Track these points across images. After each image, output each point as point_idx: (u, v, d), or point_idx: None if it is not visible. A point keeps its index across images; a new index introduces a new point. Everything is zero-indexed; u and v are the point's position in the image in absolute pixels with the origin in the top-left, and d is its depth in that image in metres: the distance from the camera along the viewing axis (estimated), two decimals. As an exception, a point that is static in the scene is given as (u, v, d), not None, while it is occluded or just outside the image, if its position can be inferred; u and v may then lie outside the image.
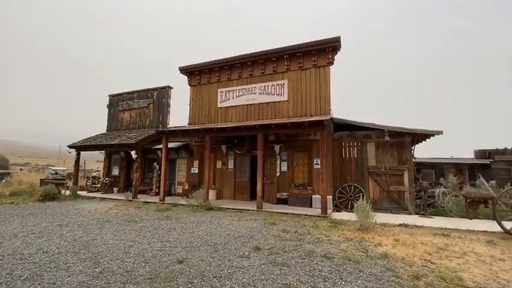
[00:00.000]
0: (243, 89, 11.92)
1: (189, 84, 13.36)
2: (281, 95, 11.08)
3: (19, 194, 11.91)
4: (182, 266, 3.96)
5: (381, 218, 7.23)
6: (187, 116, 13.19)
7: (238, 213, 8.53)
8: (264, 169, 10.44)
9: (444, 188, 9.69)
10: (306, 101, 10.58)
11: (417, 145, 10.04)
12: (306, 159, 10.44)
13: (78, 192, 12.95)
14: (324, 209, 8.16)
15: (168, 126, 13.83)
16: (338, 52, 10.42)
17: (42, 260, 4.14)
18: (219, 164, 12.29)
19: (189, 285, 3.32)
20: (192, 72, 13.15)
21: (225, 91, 12.34)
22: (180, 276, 3.59)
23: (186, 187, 12.33)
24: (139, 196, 11.96)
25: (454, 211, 8.58)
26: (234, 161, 11.98)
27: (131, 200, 11.23)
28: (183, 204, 9.88)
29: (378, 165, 9.64)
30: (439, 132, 8.92)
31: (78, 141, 14.39)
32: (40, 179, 14.73)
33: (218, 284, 3.38)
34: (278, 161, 10.82)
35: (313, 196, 9.56)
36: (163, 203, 10.40)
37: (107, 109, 16.23)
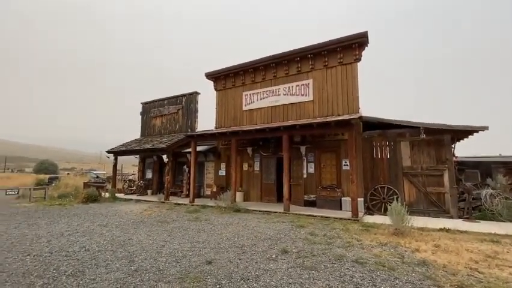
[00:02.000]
0: (267, 91, 11.94)
1: (215, 89, 13.71)
2: (306, 95, 10.89)
3: (66, 196, 13.09)
4: (211, 266, 4.03)
5: (418, 221, 6.74)
6: (214, 120, 13.54)
7: (265, 215, 8.51)
8: (290, 171, 10.30)
9: (492, 189, 8.76)
10: (332, 100, 10.28)
11: (458, 143, 9.23)
12: (334, 160, 10.11)
13: (116, 194, 13.87)
14: (354, 212, 7.82)
15: (196, 130, 14.31)
16: (366, 48, 9.99)
17: (84, 257, 4.48)
18: (245, 166, 12.40)
19: (217, 286, 3.36)
20: (218, 77, 13.48)
21: (250, 94, 12.45)
22: (209, 276, 3.66)
23: (214, 189, 12.61)
24: (171, 198, 12.49)
25: (504, 215, 7.71)
26: (260, 163, 12.00)
27: (163, 202, 11.76)
28: (212, 206, 10.11)
29: (413, 165, 9.02)
30: (484, 128, 8.11)
31: (115, 147, 15.46)
32: (83, 183, 16.08)
33: (245, 286, 3.38)
34: (304, 163, 10.62)
35: (342, 198, 9.21)
36: (192, 205, 10.74)
37: (140, 116, 17.25)
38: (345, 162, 9.61)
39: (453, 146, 8.83)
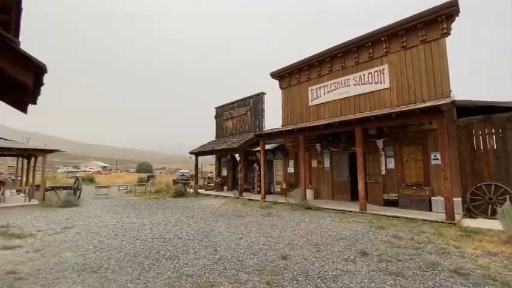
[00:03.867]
0: (334, 83, 11.33)
1: (280, 88, 13.82)
2: (381, 82, 9.85)
3: (160, 192, 15.47)
4: (286, 262, 4.11)
5: (547, 229, 5.26)
6: (280, 117, 13.69)
7: (339, 214, 8.12)
8: (366, 167, 9.53)
9: None
10: (414, 85, 8.99)
11: None
12: (420, 154, 8.83)
13: (198, 190, 15.60)
14: (450, 214, 6.66)
15: (264, 129, 14.74)
16: (456, 19, 8.36)
17: (177, 244, 5.22)
18: (314, 163, 12.10)
19: (294, 282, 3.41)
20: (282, 76, 13.55)
21: (316, 88, 12.06)
22: (285, 271, 3.74)
23: (284, 186, 12.76)
24: (244, 194, 13.28)
25: None
26: (330, 160, 11.50)
27: (238, 198, 12.61)
28: (282, 203, 10.27)
29: (535, 157, 7.07)
30: None
31: (195, 148, 17.37)
32: (173, 180, 18.67)
33: (323, 285, 3.32)
34: (382, 158, 9.63)
35: (432, 198, 7.97)
36: (264, 201, 11.15)
37: (214, 120, 18.87)
38: (435, 155, 8.28)
39: None
